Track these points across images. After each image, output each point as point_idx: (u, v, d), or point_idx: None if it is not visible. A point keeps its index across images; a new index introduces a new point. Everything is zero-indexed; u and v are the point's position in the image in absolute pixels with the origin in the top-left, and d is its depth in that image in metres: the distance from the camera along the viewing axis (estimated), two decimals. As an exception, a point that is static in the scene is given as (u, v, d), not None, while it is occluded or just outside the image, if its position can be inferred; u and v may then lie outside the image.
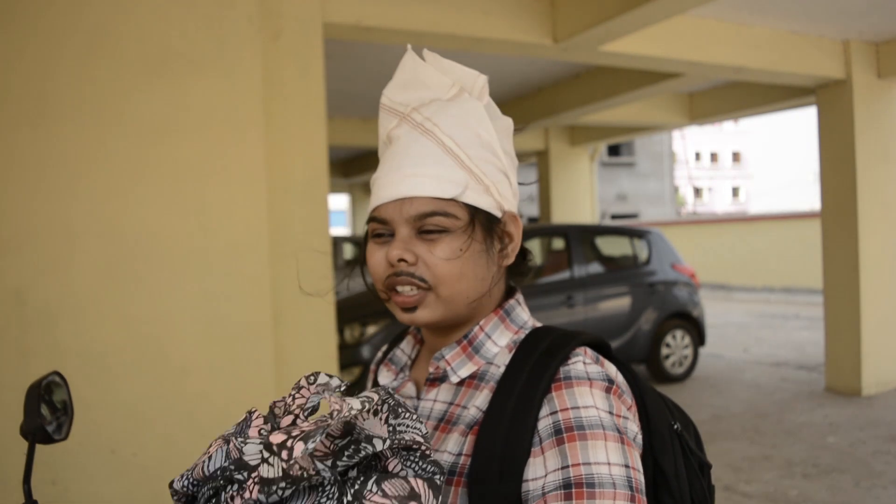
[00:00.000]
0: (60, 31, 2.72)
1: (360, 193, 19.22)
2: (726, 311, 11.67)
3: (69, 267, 2.73)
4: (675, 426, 0.79)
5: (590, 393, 0.67)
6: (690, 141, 38.75)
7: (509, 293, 0.83)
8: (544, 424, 0.67)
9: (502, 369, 0.74)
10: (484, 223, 0.73)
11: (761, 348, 8.05)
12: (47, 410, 0.78)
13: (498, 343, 0.77)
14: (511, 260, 0.78)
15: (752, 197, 44.42)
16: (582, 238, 6.17)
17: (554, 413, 0.67)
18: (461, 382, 0.77)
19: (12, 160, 2.67)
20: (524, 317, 0.80)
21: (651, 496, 0.72)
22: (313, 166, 3.27)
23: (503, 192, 0.75)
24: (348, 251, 10.70)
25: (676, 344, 6.41)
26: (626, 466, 0.64)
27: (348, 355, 4.81)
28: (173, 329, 2.88)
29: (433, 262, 0.71)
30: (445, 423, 0.75)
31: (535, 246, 7.47)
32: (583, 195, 9.87)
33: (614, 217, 21.35)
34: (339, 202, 25.63)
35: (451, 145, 0.72)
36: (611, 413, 0.67)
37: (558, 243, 6.72)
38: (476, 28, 3.95)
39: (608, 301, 6.13)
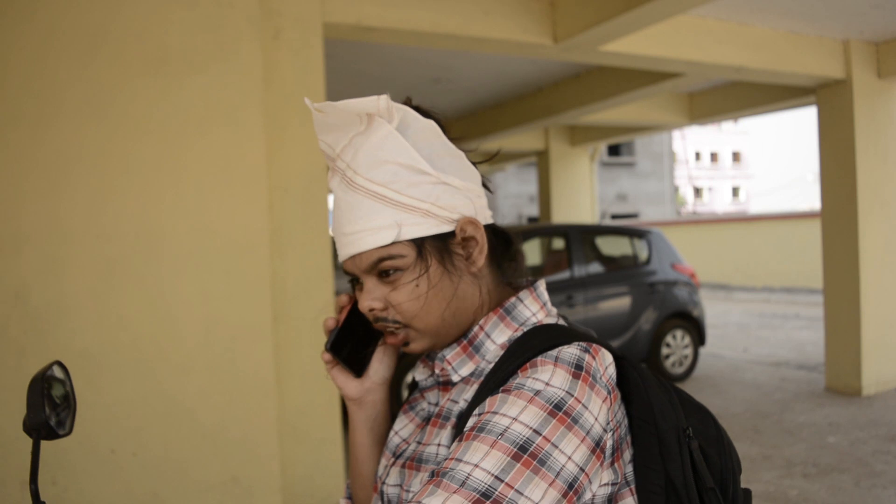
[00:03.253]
0: (60, 30, 2.72)
1: (360, 193, 19.18)
2: (726, 311, 11.67)
3: (68, 267, 2.73)
4: (688, 431, 0.75)
5: (519, 405, 0.67)
6: (690, 141, 38.74)
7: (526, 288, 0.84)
8: (471, 421, 0.70)
9: (493, 366, 0.76)
10: (436, 246, 0.75)
11: (761, 348, 8.05)
12: (50, 404, 0.76)
13: (496, 341, 0.79)
14: (479, 264, 0.78)
15: (752, 197, 44.43)
16: (582, 238, 6.17)
17: (481, 414, 0.69)
18: (464, 381, 0.79)
19: (12, 160, 2.67)
20: (527, 314, 0.80)
21: None
22: (313, 166, 3.27)
23: (447, 203, 0.75)
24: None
25: (676, 344, 6.41)
26: (496, 478, 0.63)
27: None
28: (173, 329, 2.88)
29: (398, 305, 0.76)
30: (438, 417, 0.79)
31: (534, 246, 7.47)
32: (583, 195, 9.86)
33: (614, 217, 21.33)
34: (339, 202, 25.55)
35: (375, 189, 0.73)
36: (536, 432, 0.65)
37: (558, 243, 6.72)
38: (476, 28, 3.95)
39: (608, 301, 6.13)
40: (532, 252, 7.38)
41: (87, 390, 2.66)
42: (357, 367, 0.85)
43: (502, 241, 0.83)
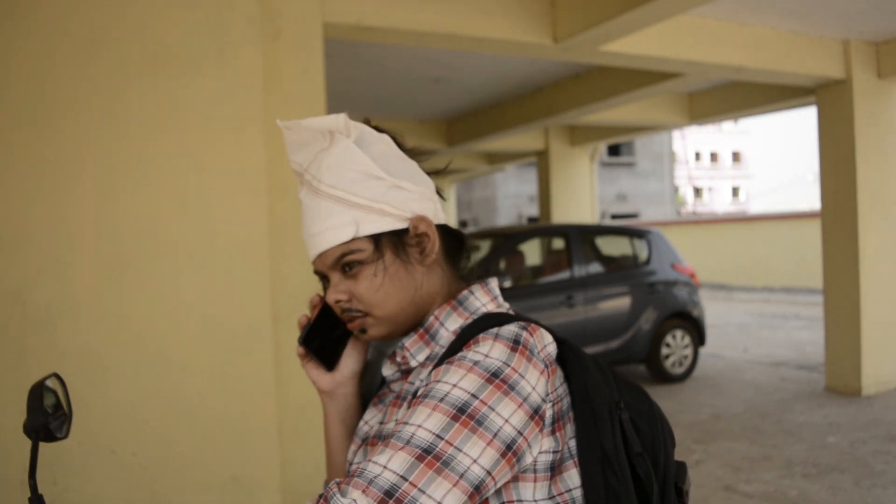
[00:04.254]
0: (61, 30, 2.72)
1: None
2: (726, 311, 11.67)
3: (69, 267, 2.73)
4: (619, 404, 0.82)
5: (459, 374, 0.74)
6: (690, 141, 38.74)
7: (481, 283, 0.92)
8: (419, 391, 0.77)
9: (445, 350, 0.83)
10: (391, 241, 0.84)
11: (761, 348, 8.05)
12: (48, 410, 0.83)
13: (449, 329, 0.87)
14: (431, 257, 0.85)
15: (752, 197, 44.43)
16: (582, 238, 6.17)
17: (427, 384, 0.76)
18: (421, 365, 0.87)
19: (12, 160, 2.67)
20: (477, 304, 0.88)
21: (599, 473, 0.78)
22: (313, 166, 3.27)
23: (401, 204, 0.84)
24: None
25: (676, 344, 6.41)
26: (437, 436, 0.70)
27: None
28: (173, 329, 2.88)
29: (360, 295, 0.84)
30: (398, 398, 0.87)
31: (534, 246, 7.47)
32: (583, 195, 9.86)
33: (614, 217, 21.34)
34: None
35: (335, 193, 0.83)
36: (474, 396, 0.72)
37: (558, 243, 6.72)
38: (476, 28, 3.95)
39: (608, 301, 6.13)
40: (532, 252, 7.38)
41: (88, 390, 2.66)
42: (329, 361, 0.93)
43: (456, 240, 0.91)
